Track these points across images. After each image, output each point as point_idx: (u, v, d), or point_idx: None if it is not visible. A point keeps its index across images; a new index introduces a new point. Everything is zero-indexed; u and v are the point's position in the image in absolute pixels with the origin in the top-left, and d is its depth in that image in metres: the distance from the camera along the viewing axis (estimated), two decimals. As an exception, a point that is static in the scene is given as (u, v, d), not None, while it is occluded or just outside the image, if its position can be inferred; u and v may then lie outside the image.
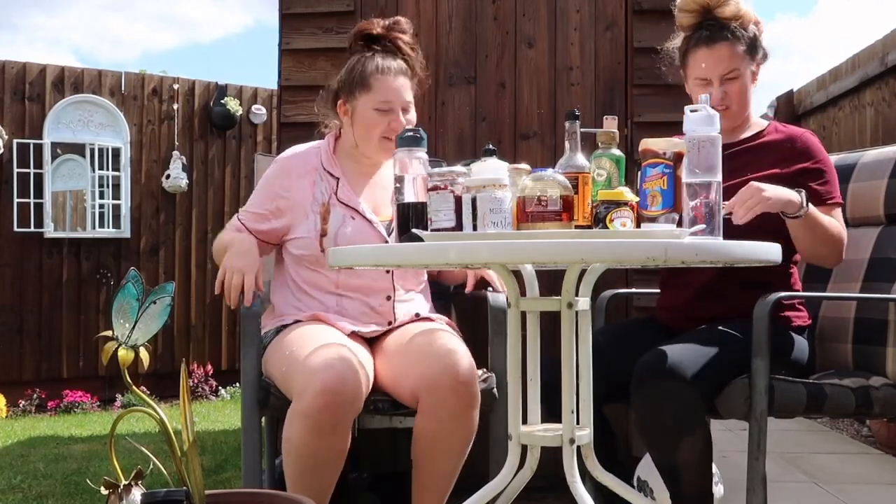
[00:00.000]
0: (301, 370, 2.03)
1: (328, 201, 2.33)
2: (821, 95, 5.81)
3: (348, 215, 2.32)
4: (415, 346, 2.19)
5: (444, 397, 2.08)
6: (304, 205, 2.34)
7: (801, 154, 2.20)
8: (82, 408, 5.79)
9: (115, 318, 1.44)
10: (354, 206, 2.33)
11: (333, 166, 2.39)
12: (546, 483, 2.25)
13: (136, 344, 1.45)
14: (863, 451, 3.98)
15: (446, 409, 2.09)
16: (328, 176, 2.37)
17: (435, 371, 2.09)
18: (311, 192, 2.35)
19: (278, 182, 2.38)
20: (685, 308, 2.26)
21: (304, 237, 2.32)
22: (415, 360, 2.14)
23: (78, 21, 26.85)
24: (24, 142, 5.97)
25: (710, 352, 2.02)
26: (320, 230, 2.30)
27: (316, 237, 2.30)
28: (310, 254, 2.31)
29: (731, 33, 2.18)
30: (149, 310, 1.45)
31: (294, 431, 2.01)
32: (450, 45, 3.21)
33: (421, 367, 2.11)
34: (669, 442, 1.99)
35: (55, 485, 3.46)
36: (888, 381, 2.14)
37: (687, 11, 2.24)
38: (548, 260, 1.64)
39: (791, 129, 2.29)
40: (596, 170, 1.82)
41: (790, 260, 2.21)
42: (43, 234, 5.98)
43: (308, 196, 2.35)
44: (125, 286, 1.43)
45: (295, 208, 2.34)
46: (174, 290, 1.49)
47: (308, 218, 2.33)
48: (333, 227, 2.30)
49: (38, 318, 5.99)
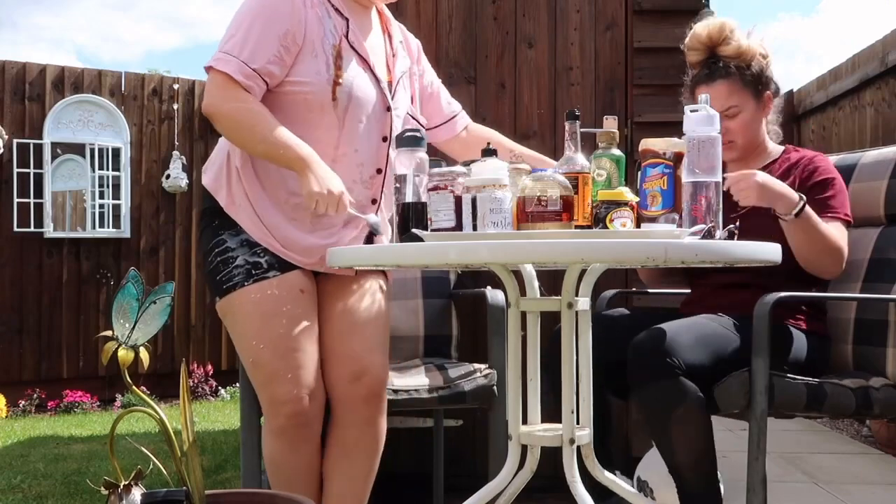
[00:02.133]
0: (267, 388, 2.03)
1: (339, 44, 2.04)
2: (821, 95, 5.81)
3: (361, 65, 2.07)
4: (330, 343, 2.10)
5: (356, 406, 2.08)
6: (314, 41, 2.01)
7: (811, 172, 2.23)
8: (82, 408, 5.79)
9: (115, 318, 1.44)
10: (365, 58, 2.08)
11: (342, 3, 2.10)
12: (546, 483, 2.25)
13: (136, 344, 1.45)
14: (863, 451, 3.98)
15: (357, 416, 2.09)
16: (336, 14, 2.08)
17: (345, 379, 2.07)
18: (322, 28, 2.03)
19: (285, 10, 2.00)
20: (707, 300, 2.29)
21: (311, 81, 2.01)
22: (331, 353, 2.10)
23: (81, 21, 26.92)
24: (24, 142, 5.97)
25: (705, 335, 2.02)
26: (334, 75, 2.01)
27: (328, 82, 2.00)
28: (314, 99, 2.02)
29: (730, 70, 2.24)
30: (149, 310, 1.45)
31: (269, 449, 2.07)
32: (450, 45, 3.21)
33: (333, 374, 2.09)
34: (663, 421, 1.96)
35: (55, 485, 3.46)
36: (888, 381, 2.14)
37: (693, 49, 2.32)
38: (548, 260, 1.64)
39: (804, 151, 2.32)
40: (596, 170, 1.82)
41: None
42: (43, 234, 5.97)
43: (318, 31, 2.02)
44: (125, 286, 1.43)
45: (305, 45, 2.01)
46: (174, 290, 1.49)
47: (317, 58, 2.01)
48: (349, 76, 2.02)
49: (38, 318, 5.98)
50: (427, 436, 2.90)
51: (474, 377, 2.35)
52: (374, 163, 2.12)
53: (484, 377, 2.35)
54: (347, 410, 2.08)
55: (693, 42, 2.31)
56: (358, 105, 2.06)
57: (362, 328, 2.12)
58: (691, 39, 2.32)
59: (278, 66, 1.99)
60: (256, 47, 1.97)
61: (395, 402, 2.27)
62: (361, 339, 2.10)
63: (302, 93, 2.01)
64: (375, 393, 2.09)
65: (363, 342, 2.10)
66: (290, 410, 2.00)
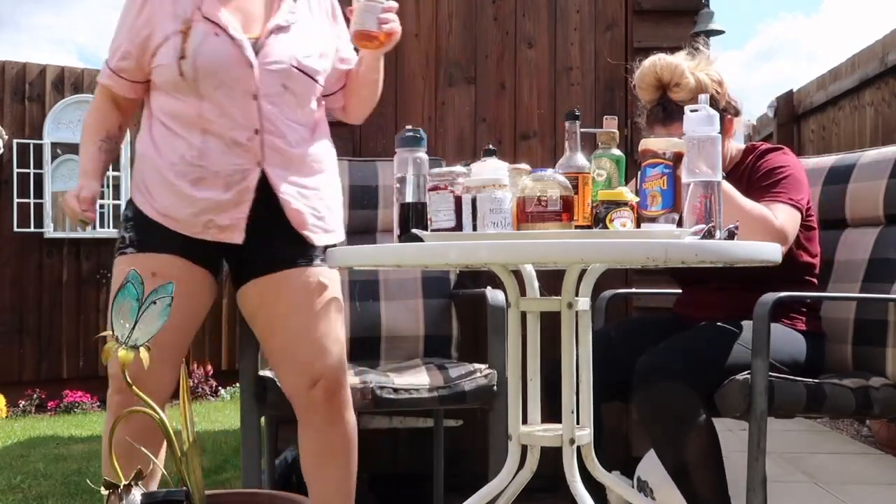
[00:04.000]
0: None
1: (190, 17, 2.02)
2: (821, 95, 5.82)
3: (210, 31, 2.02)
4: (279, 352, 2.07)
5: (318, 409, 2.04)
6: (165, 24, 2.03)
7: (760, 164, 2.22)
8: (82, 408, 5.79)
9: (115, 318, 1.44)
10: (216, 21, 2.02)
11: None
12: (546, 483, 2.25)
13: (136, 344, 1.45)
14: (863, 451, 3.98)
15: (321, 417, 2.06)
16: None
17: (301, 387, 2.03)
18: (172, 10, 2.03)
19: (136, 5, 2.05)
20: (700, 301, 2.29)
21: (162, 63, 2.02)
22: (281, 363, 2.07)
23: (83, 20, 26.82)
24: (24, 142, 5.97)
25: (709, 349, 2.03)
26: (180, 51, 2.00)
27: (174, 59, 2.00)
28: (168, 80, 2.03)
29: (685, 112, 2.21)
30: (149, 310, 1.45)
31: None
32: (450, 45, 3.21)
33: (288, 382, 2.07)
34: (673, 442, 1.99)
35: (55, 485, 3.46)
36: (888, 381, 2.14)
37: (643, 89, 2.28)
38: (548, 260, 1.64)
39: (760, 145, 2.30)
40: (596, 170, 1.82)
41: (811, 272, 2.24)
42: (43, 234, 5.98)
43: (168, 14, 2.03)
44: (125, 286, 1.42)
45: (155, 32, 2.03)
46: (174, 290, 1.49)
47: (169, 41, 2.02)
48: (193, 46, 2.00)
49: (38, 318, 5.98)
50: (427, 436, 2.90)
51: (475, 377, 2.35)
52: (248, 124, 2.02)
53: (484, 377, 2.35)
54: (311, 413, 2.05)
55: (642, 82, 2.26)
56: (209, 73, 2.00)
57: (308, 331, 2.04)
58: (641, 79, 2.26)
59: (129, 61, 2.07)
60: (113, 46, 2.10)
61: (395, 402, 2.27)
62: (310, 344, 2.03)
63: (160, 76, 2.05)
64: (334, 392, 2.04)
65: (312, 347, 2.03)
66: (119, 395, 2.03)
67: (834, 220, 2.45)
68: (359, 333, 2.72)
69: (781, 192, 2.14)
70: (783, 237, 2.06)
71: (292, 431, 2.09)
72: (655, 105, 2.26)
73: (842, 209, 2.43)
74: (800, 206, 2.15)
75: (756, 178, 2.19)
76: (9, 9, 24.75)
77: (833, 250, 2.41)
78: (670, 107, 2.21)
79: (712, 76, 2.22)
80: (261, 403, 2.23)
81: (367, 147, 3.16)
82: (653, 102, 2.27)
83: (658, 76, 2.23)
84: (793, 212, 2.13)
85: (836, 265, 2.40)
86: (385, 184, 2.87)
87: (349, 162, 2.89)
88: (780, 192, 2.15)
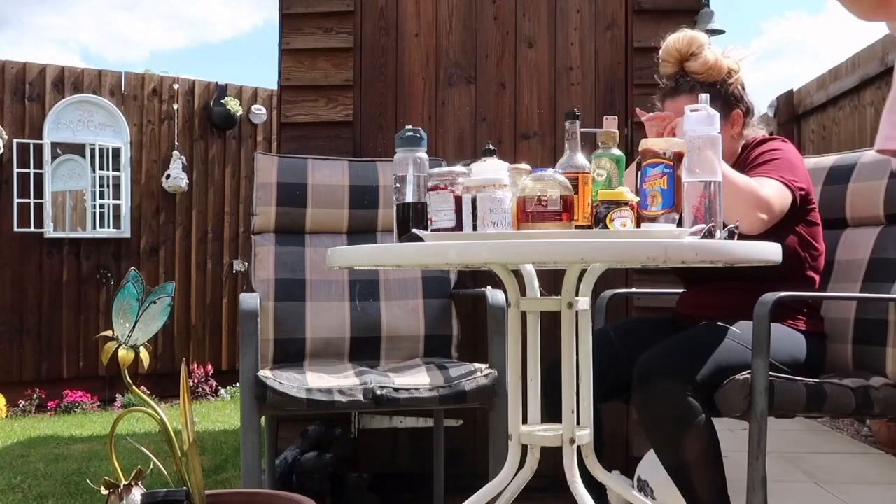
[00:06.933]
0: None
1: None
2: (821, 95, 5.81)
3: None
4: None
5: None
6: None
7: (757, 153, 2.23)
8: (82, 408, 5.79)
9: (115, 318, 1.44)
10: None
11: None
12: (546, 483, 2.25)
13: (136, 344, 1.45)
14: (863, 451, 3.98)
15: None
16: None
17: None
18: None
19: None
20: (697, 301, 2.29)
21: None
22: None
23: (86, 20, 26.71)
24: (24, 142, 5.97)
25: (709, 349, 2.03)
26: None
27: None
28: None
29: (694, 87, 2.22)
30: (149, 310, 1.45)
31: None
32: (450, 45, 3.21)
33: None
34: (672, 442, 1.99)
35: (55, 485, 3.46)
36: (888, 381, 2.14)
37: (665, 61, 2.31)
38: (548, 260, 1.64)
39: (758, 137, 2.31)
40: (596, 170, 1.82)
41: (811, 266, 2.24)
42: (43, 234, 5.98)
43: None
44: (125, 286, 1.43)
45: None
46: (174, 290, 1.49)
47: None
48: None
49: (38, 318, 5.99)
50: (427, 436, 2.90)
51: (475, 377, 2.35)
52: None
53: (484, 377, 2.35)
54: None
55: (664, 54, 2.30)
56: None
57: None
58: (664, 51, 2.30)
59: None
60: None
61: (395, 402, 2.27)
62: None
63: None
64: None
65: None
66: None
67: (834, 219, 2.45)
68: (359, 333, 2.72)
69: (772, 170, 2.15)
70: (767, 207, 2.05)
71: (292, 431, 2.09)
72: (670, 79, 2.30)
73: (842, 209, 2.43)
74: (790, 185, 2.13)
75: (749, 161, 2.21)
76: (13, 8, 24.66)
77: (833, 250, 2.41)
78: (682, 79, 2.25)
79: (733, 65, 2.26)
80: (261, 403, 2.23)
81: (367, 147, 3.16)
82: (670, 77, 2.30)
83: (677, 47, 2.26)
84: (781, 187, 2.11)
85: (836, 265, 2.40)
86: (385, 184, 2.87)
87: (349, 162, 2.89)
88: (771, 169, 2.16)
